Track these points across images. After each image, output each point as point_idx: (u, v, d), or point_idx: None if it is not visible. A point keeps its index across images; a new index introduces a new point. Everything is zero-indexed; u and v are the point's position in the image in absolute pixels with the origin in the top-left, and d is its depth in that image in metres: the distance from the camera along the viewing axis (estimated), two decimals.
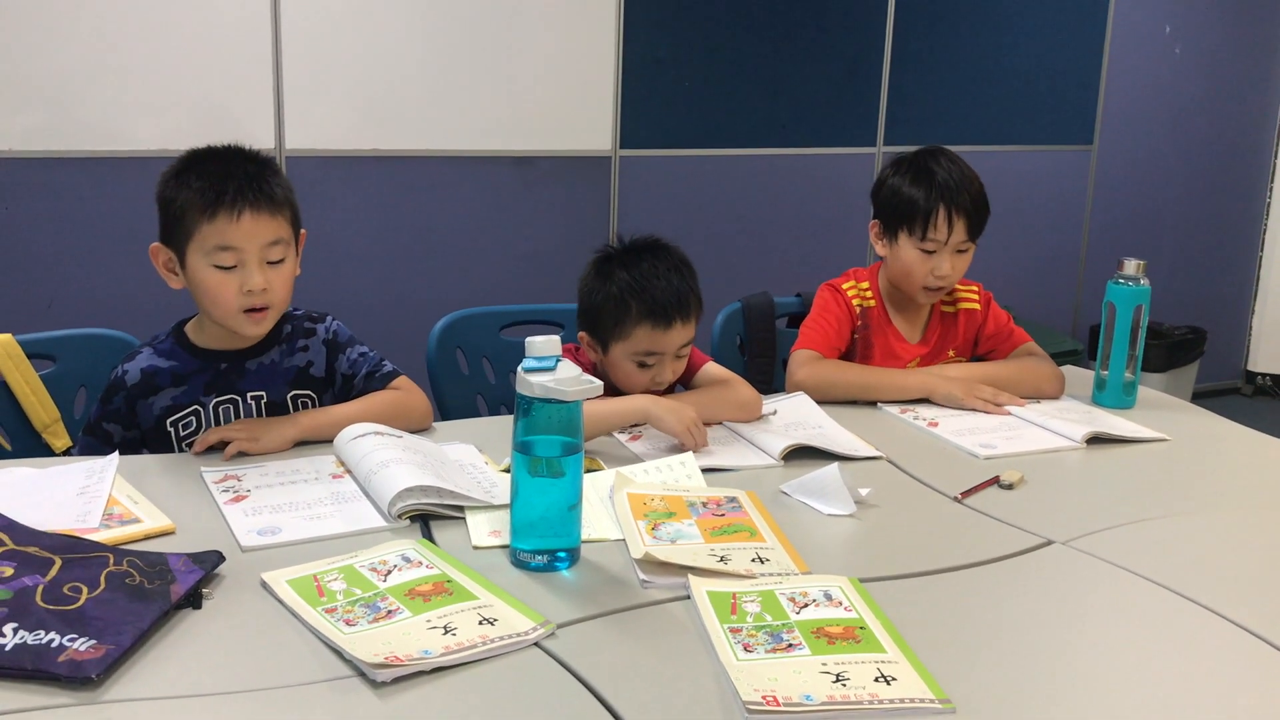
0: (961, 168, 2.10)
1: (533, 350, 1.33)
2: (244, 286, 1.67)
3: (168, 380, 1.75)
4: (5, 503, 1.37)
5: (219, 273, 1.67)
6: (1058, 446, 1.84)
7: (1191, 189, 4.73)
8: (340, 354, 1.84)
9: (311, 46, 3.17)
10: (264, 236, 1.68)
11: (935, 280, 2.09)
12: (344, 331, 1.87)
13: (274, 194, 1.69)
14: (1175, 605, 1.31)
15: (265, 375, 1.78)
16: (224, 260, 1.67)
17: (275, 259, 1.70)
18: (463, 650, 1.13)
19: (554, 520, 1.33)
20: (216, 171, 1.68)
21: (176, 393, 1.75)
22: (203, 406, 1.75)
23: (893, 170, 2.14)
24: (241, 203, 1.65)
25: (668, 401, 1.77)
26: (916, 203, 2.08)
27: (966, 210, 2.07)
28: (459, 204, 3.45)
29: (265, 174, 1.70)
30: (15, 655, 1.07)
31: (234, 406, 1.76)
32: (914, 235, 2.08)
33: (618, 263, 1.85)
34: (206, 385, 1.76)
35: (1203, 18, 4.56)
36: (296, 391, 1.80)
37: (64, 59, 2.93)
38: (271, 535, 1.39)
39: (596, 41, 3.52)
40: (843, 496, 1.54)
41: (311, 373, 1.82)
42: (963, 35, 4.08)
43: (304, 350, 1.82)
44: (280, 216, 1.70)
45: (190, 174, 1.69)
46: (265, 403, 1.77)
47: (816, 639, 1.18)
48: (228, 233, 1.65)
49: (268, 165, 1.74)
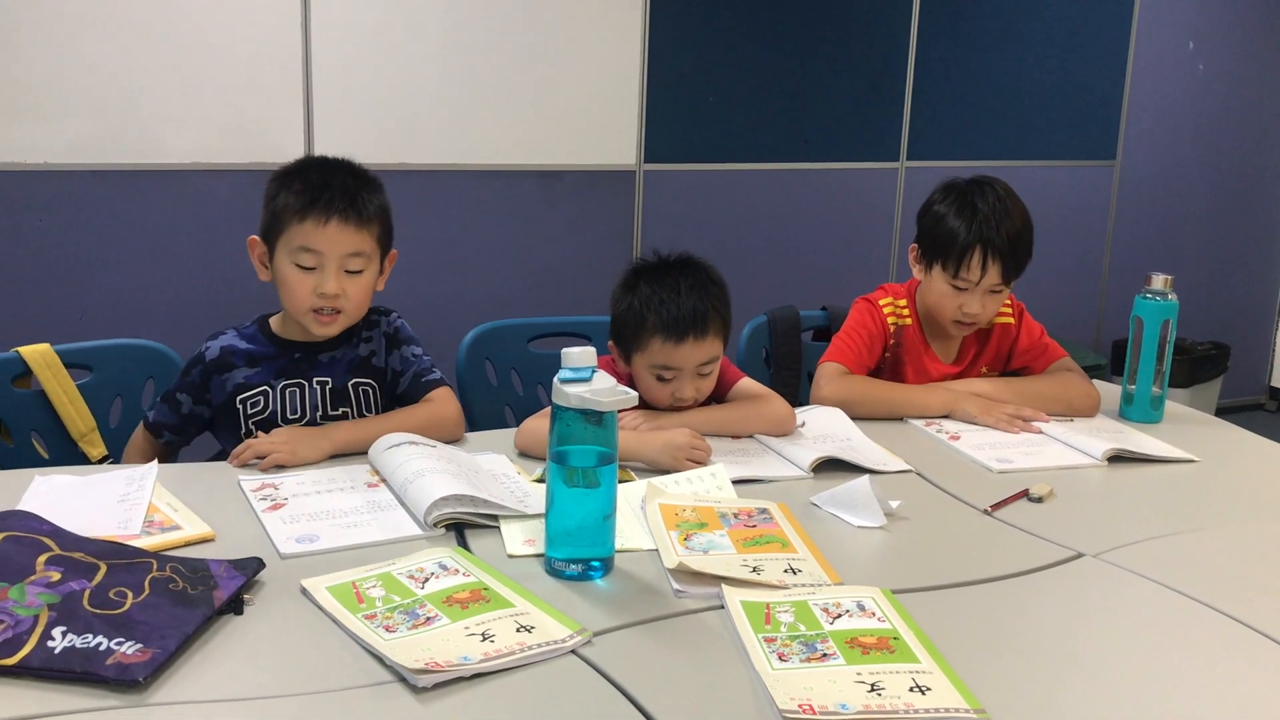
0: (1008, 205, 2.04)
1: (569, 361, 1.35)
2: (318, 289, 1.77)
3: (243, 360, 1.84)
4: (48, 509, 1.39)
5: (299, 271, 1.77)
6: (1077, 464, 1.84)
7: (1214, 205, 4.73)
8: (396, 349, 1.90)
9: (341, 63, 3.21)
10: (346, 246, 1.77)
11: (964, 316, 2.07)
12: (405, 330, 1.94)
13: (364, 209, 1.79)
14: (1206, 618, 1.32)
15: (333, 366, 1.86)
16: (305, 261, 1.77)
17: (354, 269, 1.80)
18: (501, 657, 1.15)
19: (589, 529, 1.34)
20: (317, 179, 1.79)
21: (250, 372, 1.83)
22: (272, 388, 1.83)
23: (941, 195, 2.10)
24: (331, 211, 1.75)
25: (660, 440, 1.72)
26: (955, 239, 2.03)
27: (1003, 254, 2.01)
28: (484, 217, 3.48)
29: (362, 189, 1.81)
30: (64, 658, 1.09)
31: (300, 390, 1.83)
32: (947, 270, 2.05)
33: (645, 276, 1.86)
34: (278, 370, 1.84)
35: (1226, 34, 4.56)
36: (357, 379, 1.86)
37: (99, 75, 2.97)
38: (310, 543, 1.41)
39: (621, 56, 3.55)
40: (873, 508, 1.55)
41: (374, 362, 1.89)
42: (986, 50, 4.10)
43: (367, 341, 1.89)
44: (366, 231, 1.80)
45: (296, 177, 1.80)
46: (330, 388, 1.84)
47: (851, 649, 1.19)
48: (313, 236, 1.75)
49: (368, 182, 1.84)
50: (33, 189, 2.97)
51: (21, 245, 2.99)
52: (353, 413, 1.85)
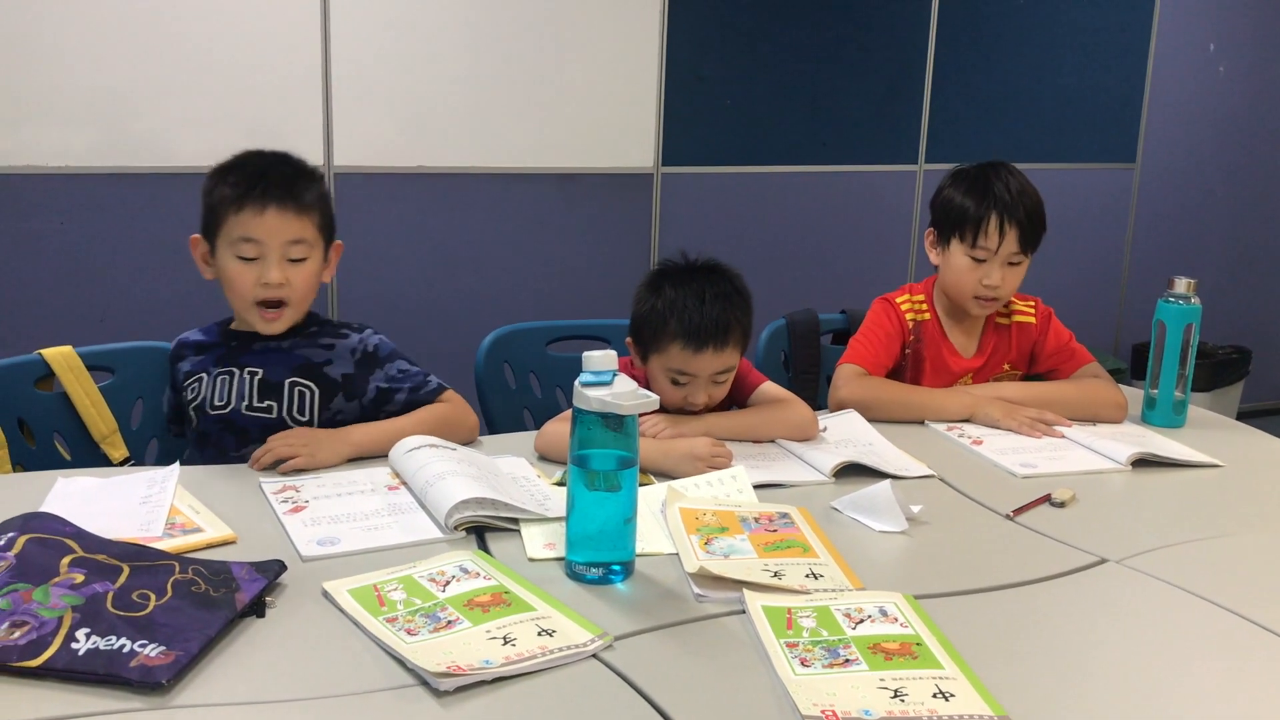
0: (1020, 182, 2.09)
1: (590, 365, 1.34)
2: (261, 279, 1.77)
3: (192, 350, 1.89)
4: (70, 511, 1.40)
5: (240, 263, 1.77)
6: (1101, 468, 1.83)
7: (1235, 208, 4.70)
8: (378, 369, 1.86)
9: (360, 67, 3.22)
10: (286, 233, 1.77)
11: (985, 290, 2.08)
12: (385, 346, 1.89)
13: (302, 196, 1.79)
14: (1231, 624, 1.31)
15: (269, 356, 1.83)
16: (246, 251, 1.77)
17: (296, 257, 1.79)
18: (523, 660, 1.14)
19: (610, 533, 1.34)
20: (253, 169, 1.79)
21: (196, 360, 1.87)
22: (207, 375, 1.84)
23: (951, 180, 2.15)
24: (268, 198, 1.76)
25: (682, 449, 1.72)
26: (968, 210, 2.07)
27: (1019, 221, 2.05)
28: (502, 220, 3.49)
29: (299, 178, 1.81)
30: (88, 660, 1.09)
31: (229, 378, 1.83)
32: (965, 242, 2.08)
33: (671, 278, 1.86)
34: (217, 359, 1.85)
35: (1247, 36, 4.53)
36: (296, 379, 1.82)
37: (121, 79, 2.99)
38: (331, 545, 1.41)
39: (639, 59, 3.55)
40: (894, 513, 1.54)
41: (329, 373, 1.83)
42: (1005, 53, 4.08)
43: (326, 348, 1.85)
44: (306, 218, 1.79)
45: (231, 171, 1.81)
46: (259, 379, 1.81)
47: (873, 654, 1.18)
48: (251, 225, 1.75)
49: (305, 171, 1.84)
50: (55, 192, 2.99)
51: (44, 248, 3.01)
52: (280, 410, 1.80)
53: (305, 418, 1.81)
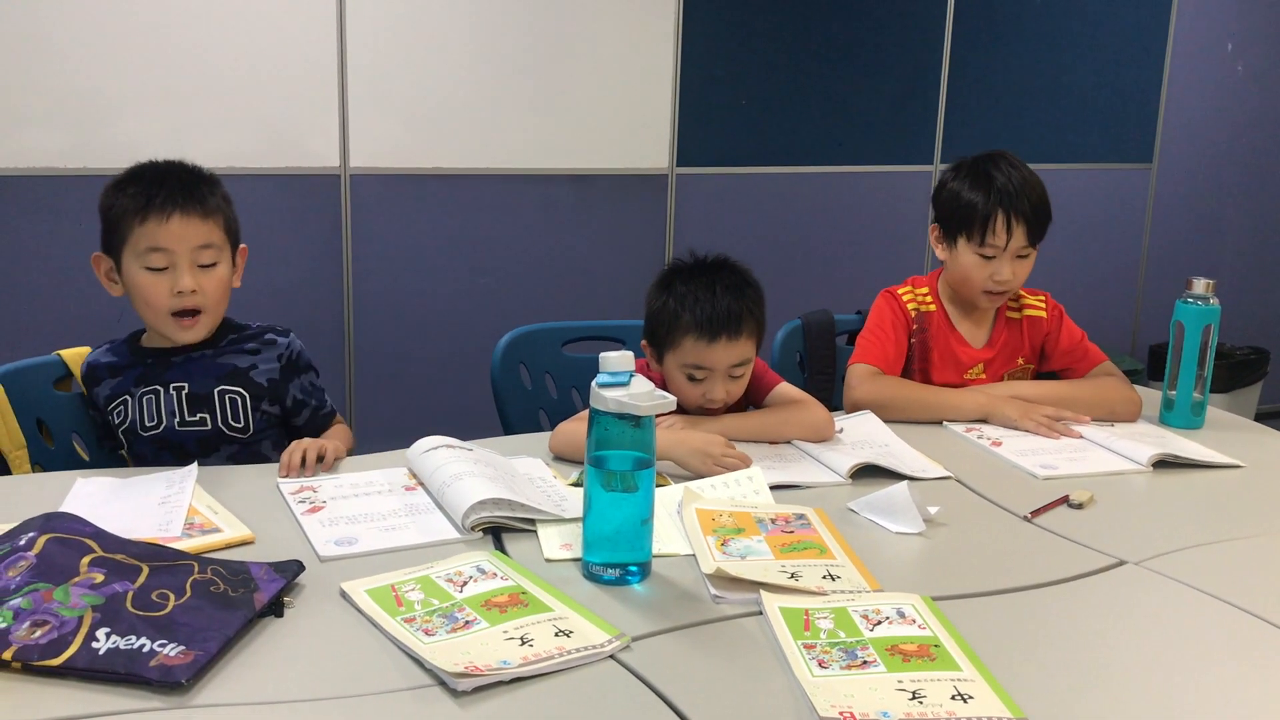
0: (1023, 172, 2.08)
1: (607, 365, 1.34)
2: (174, 288, 1.76)
3: (106, 373, 1.85)
4: (89, 511, 1.41)
5: (150, 274, 1.76)
6: (1121, 469, 1.82)
7: (1252, 207, 4.67)
8: (298, 376, 1.90)
9: (375, 68, 3.23)
10: (193, 240, 1.76)
11: (995, 285, 2.08)
12: (305, 355, 1.92)
13: (205, 200, 1.78)
14: (1250, 626, 1.30)
15: (191, 369, 1.83)
16: (155, 262, 1.76)
17: (206, 262, 1.78)
18: (540, 661, 1.15)
19: (627, 534, 1.34)
20: (152, 179, 1.77)
21: (115, 382, 1.84)
22: (131, 396, 1.82)
23: (953, 174, 2.13)
24: (171, 206, 1.74)
25: (693, 443, 1.72)
26: (975, 208, 2.06)
27: (1026, 216, 2.04)
28: (517, 222, 3.49)
29: (199, 184, 1.80)
30: (108, 659, 1.10)
31: (155, 397, 1.81)
32: (972, 241, 2.07)
33: (681, 275, 1.86)
34: (137, 378, 1.83)
35: (1265, 35, 4.51)
36: (225, 387, 1.83)
37: (137, 82, 3.00)
38: (349, 545, 1.41)
39: (654, 60, 3.55)
40: (911, 515, 1.53)
41: (254, 377, 1.85)
42: (1021, 53, 4.07)
43: (251, 354, 1.86)
44: (211, 222, 1.78)
45: (129, 182, 1.78)
46: (187, 394, 1.81)
47: (891, 656, 1.18)
48: (158, 234, 1.74)
49: (204, 178, 1.82)
50: (72, 193, 3.00)
51: (61, 249, 3.02)
52: (214, 419, 1.81)
53: (240, 424, 1.83)
